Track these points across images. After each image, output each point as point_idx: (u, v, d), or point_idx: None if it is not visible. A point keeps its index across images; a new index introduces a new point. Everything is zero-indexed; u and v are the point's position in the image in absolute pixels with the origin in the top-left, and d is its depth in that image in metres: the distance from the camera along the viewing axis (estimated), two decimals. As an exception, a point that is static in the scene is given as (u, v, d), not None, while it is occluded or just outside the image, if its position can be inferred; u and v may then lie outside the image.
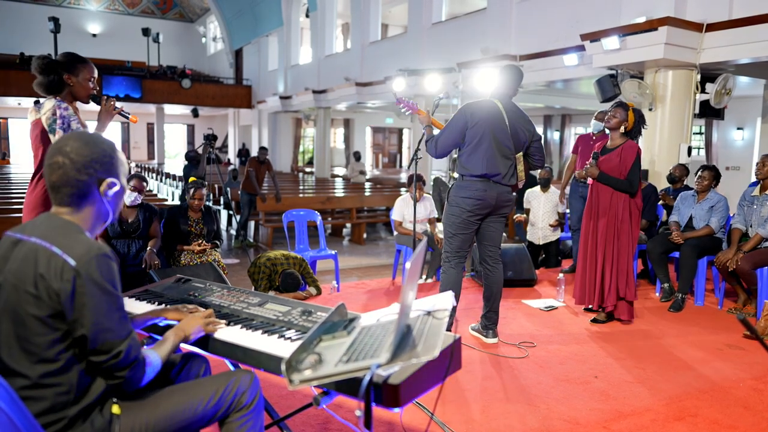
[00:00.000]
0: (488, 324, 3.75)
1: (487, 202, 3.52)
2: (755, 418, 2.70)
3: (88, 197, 1.47)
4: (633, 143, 4.02)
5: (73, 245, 1.37)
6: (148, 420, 1.50)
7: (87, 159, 1.45)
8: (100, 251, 1.38)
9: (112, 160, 1.51)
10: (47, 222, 1.45)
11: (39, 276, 1.33)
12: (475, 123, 3.49)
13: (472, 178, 3.53)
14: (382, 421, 2.58)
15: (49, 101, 2.65)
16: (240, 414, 1.63)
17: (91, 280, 1.34)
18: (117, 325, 1.40)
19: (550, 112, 17.72)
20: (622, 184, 3.97)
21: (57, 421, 1.38)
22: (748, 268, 4.20)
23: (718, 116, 7.06)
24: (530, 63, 8.68)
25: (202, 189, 4.60)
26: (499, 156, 3.52)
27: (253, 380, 1.67)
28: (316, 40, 16.48)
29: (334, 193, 10.52)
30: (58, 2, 23.77)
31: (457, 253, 3.62)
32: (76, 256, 1.35)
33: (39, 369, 1.36)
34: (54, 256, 1.35)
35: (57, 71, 2.66)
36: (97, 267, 1.36)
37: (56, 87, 2.67)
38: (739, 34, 5.83)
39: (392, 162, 24.74)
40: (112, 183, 1.50)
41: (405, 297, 1.40)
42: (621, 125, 4.01)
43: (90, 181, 1.46)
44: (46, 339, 1.35)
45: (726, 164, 12.19)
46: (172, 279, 2.42)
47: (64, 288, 1.33)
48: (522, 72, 3.74)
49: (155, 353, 1.57)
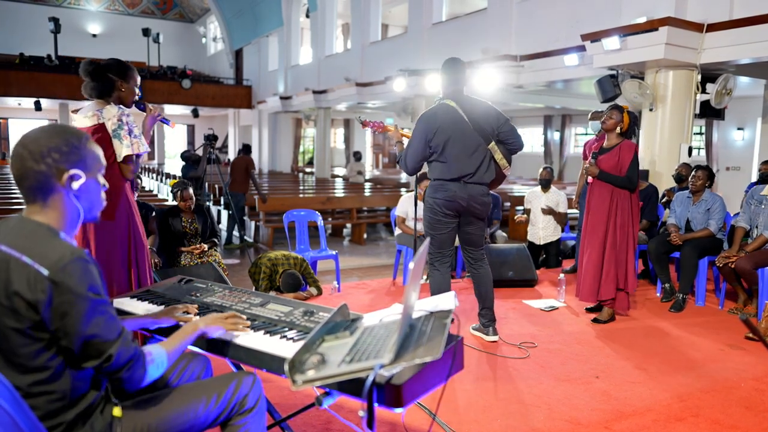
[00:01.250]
0: (486, 322, 3.77)
1: (457, 203, 3.53)
2: (757, 419, 2.70)
3: (50, 190, 1.36)
4: (630, 142, 4.15)
5: (46, 252, 1.29)
6: (150, 423, 1.48)
7: (44, 148, 1.35)
8: (73, 255, 1.30)
9: (77, 151, 1.39)
10: (18, 226, 1.36)
11: (12, 291, 1.27)
12: (435, 131, 3.48)
13: (442, 180, 3.55)
14: (384, 421, 2.58)
15: (112, 107, 2.70)
16: (242, 417, 1.62)
17: (67, 288, 1.27)
18: (102, 329, 1.33)
19: (551, 113, 17.71)
20: (622, 181, 4.08)
21: (55, 426, 1.35)
22: (749, 268, 4.21)
23: (719, 116, 7.05)
24: (530, 63, 8.68)
25: (187, 190, 4.64)
26: (466, 156, 3.50)
27: (255, 382, 1.66)
28: (316, 40, 16.47)
29: (334, 193, 10.51)
30: (58, 2, 23.76)
31: (440, 253, 3.64)
32: (48, 265, 1.27)
33: (28, 379, 1.32)
34: (25, 267, 1.27)
35: (108, 76, 2.71)
36: (72, 273, 1.28)
37: (107, 91, 2.72)
38: (739, 35, 5.83)
39: (392, 162, 24.73)
40: (75, 175, 1.38)
41: (408, 297, 1.40)
42: (617, 126, 4.13)
43: (48, 172, 1.35)
44: (31, 349, 1.30)
45: (726, 164, 12.19)
46: (174, 279, 2.42)
47: (40, 299, 1.26)
48: (462, 60, 3.66)
49: (161, 349, 1.52)
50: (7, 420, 1.19)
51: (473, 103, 3.57)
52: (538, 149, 19.15)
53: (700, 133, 13.35)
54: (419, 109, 11.76)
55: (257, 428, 1.65)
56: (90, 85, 2.71)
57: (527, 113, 18.53)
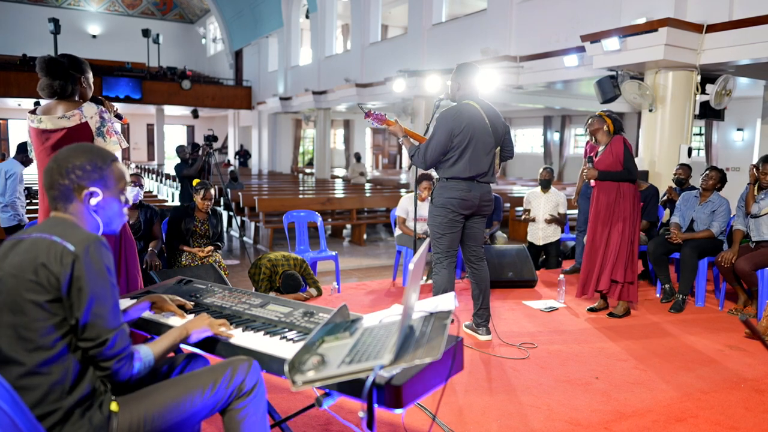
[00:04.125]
0: (480, 322, 3.80)
1: (471, 201, 3.59)
2: (756, 419, 2.70)
3: (71, 202, 1.54)
4: (618, 137, 4.32)
5: (73, 234, 1.45)
6: (147, 414, 1.51)
7: (69, 165, 1.52)
8: (97, 239, 1.45)
9: (99, 171, 1.56)
10: (48, 222, 1.52)
11: (40, 264, 1.39)
12: (461, 129, 3.53)
13: (457, 179, 3.58)
14: (384, 422, 2.57)
15: (90, 105, 2.63)
16: (240, 401, 1.62)
17: (89, 263, 1.41)
18: (109, 313, 1.44)
19: (550, 113, 17.73)
20: (621, 175, 4.23)
21: (52, 412, 1.39)
22: (748, 269, 4.21)
23: (718, 117, 7.05)
24: (530, 64, 8.68)
25: (210, 190, 4.62)
26: (483, 155, 3.59)
27: (252, 367, 1.65)
28: (316, 41, 16.48)
29: (334, 194, 10.52)
30: (58, 3, 23.78)
31: (448, 253, 3.67)
32: (74, 242, 1.42)
33: (35, 357, 1.39)
34: (54, 244, 1.41)
35: (69, 72, 2.62)
36: (95, 251, 1.43)
37: (72, 89, 2.64)
38: (739, 35, 5.83)
39: (392, 163, 24.76)
40: (93, 192, 1.55)
41: (408, 298, 1.40)
42: (600, 131, 4.36)
43: (70, 186, 1.52)
44: (44, 325, 1.39)
45: (726, 165, 12.20)
46: (174, 280, 2.42)
47: (63, 272, 1.39)
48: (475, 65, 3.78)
49: (148, 348, 1.58)
50: (5, 421, 1.19)
51: (490, 107, 3.68)
52: (537, 150, 19.15)
53: (700, 134, 13.37)
54: (419, 110, 11.76)
55: (256, 410, 1.64)
56: (55, 84, 2.60)
57: (527, 114, 18.54)
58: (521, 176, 17.89)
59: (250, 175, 16.48)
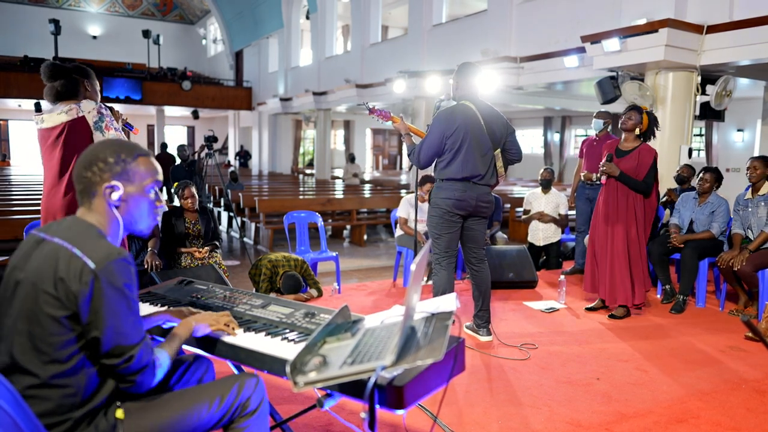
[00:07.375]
0: (481, 323, 3.79)
1: (466, 202, 3.57)
2: (757, 420, 2.70)
3: (93, 196, 1.48)
4: (650, 147, 4.22)
5: (95, 248, 1.38)
6: (153, 425, 1.49)
7: (93, 157, 1.47)
8: (120, 255, 1.39)
9: (123, 164, 1.48)
10: (72, 224, 1.46)
11: (59, 278, 1.34)
12: (453, 130, 3.52)
13: (451, 180, 3.57)
14: (385, 423, 2.57)
15: (89, 102, 2.68)
16: (245, 420, 1.62)
17: (109, 283, 1.35)
18: (131, 329, 1.40)
19: (551, 114, 17.74)
20: (640, 185, 4.17)
21: (61, 422, 1.38)
22: (749, 270, 4.21)
23: (719, 118, 7.06)
24: (531, 65, 8.69)
25: (189, 187, 4.57)
26: (478, 157, 3.56)
27: (258, 385, 1.65)
28: (316, 41, 16.49)
29: (334, 194, 10.52)
30: (59, 4, 23.79)
31: (446, 253, 3.66)
32: (96, 259, 1.35)
33: (50, 369, 1.36)
34: (74, 258, 1.36)
35: (73, 77, 2.69)
36: (116, 270, 1.36)
37: (74, 91, 2.70)
38: (739, 36, 5.83)
39: (392, 164, 24.75)
40: (114, 186, 1.47)
41: (409, 298, 1.40)
42: (636, 127, 4.21)
43: (92, 179, 1.46)
44: (60, 339, 1.35)
45: (726, 166, 12.20)
46: (175, 281, 2.42)
47: (82, 290, 1.33)
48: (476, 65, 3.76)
49: (165, 353, 1.56)
50: (8, 421, 1.19)
51: (488, 108, 3.65)
52: (538, 151, 19.16)
53: (700, 135, 13.37)
54: (419, 111, 11.76)
55: (260, 430, 1.64)
56: (57, 84, 2.67)
57: (527, 115, 18.55)
58: (521, 177, 17.90)
59: (251, 176, 16.49)
